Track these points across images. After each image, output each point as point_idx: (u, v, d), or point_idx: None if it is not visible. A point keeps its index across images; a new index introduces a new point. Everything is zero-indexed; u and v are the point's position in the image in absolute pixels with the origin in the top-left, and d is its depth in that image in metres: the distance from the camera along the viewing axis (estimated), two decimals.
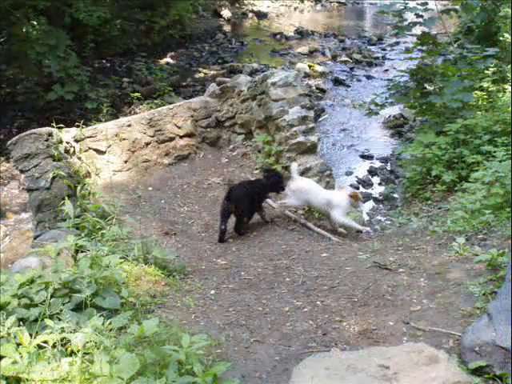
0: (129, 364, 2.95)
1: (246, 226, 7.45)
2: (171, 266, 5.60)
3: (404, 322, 4.27)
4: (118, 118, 11.71)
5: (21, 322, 3.58)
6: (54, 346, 3.28)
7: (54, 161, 6.77)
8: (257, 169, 9.05)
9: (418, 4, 10.07)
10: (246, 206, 7.28)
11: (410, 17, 10.59)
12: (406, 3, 10.29)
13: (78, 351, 3.15)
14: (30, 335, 3.34)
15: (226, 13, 28.49)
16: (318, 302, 4.85)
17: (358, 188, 11.25)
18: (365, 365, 3.26)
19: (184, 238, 7.05)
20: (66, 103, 14.89)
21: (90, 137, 8.38)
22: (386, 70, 19.66)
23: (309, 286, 5.25)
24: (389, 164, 12.35)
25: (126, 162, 8.87)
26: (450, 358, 3.41)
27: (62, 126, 6.98)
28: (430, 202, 8.55)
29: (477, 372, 3.36)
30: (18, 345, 3.19)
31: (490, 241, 5.56)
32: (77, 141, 8.25)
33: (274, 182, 7.62)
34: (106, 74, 18.37)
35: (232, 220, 7.31)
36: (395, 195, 10.32)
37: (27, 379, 3.02)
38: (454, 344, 3.79)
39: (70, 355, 3.27)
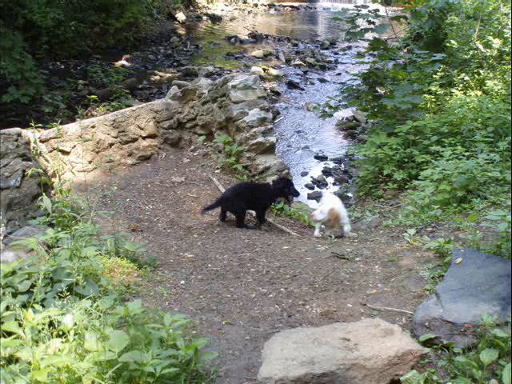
0: (118, 340, 3.25)
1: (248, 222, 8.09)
2: (141, 259, 5.88)
3: (361, 304, 4.69)
4: (74, 120, 11.83)
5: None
6: (43, 328, 3.53)
7: (23, 160, 6.95)
8: (217, 168, 9.38)
9: (369, 11, 10.53)
10: (239, 207, 7.78)
11: (362, 23, 11.04)
12: (359, 10, 10.76)
13: (69, 331, 3.43)
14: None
15: (180, 16, 28.63)
16: (282, 289, 5.21)
17: (313, 188, 11.69)
18: (328, 338, 3.64)
19: (150, 234, 7.32)
20: (20, 105, 14.86)
21: (55, 138, 8.55)
22: (339, 74, 20.19)
23: (272, 275, 5.60)
24: (342, 164, 12.81)
25: (90, 162, 9.07)
26: (404, 331, 3.83)
27: (40, 125, 7.13)
28: (382, 199, 8.99)
29: (427, 343, 3.77)
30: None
31: (438, 233, 6.01)
32: (42, 141, 8.42)
33: (280, 187, 7.99)
34: (60, 76, 18.33)
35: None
36: (349, 194, 10.72)
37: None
38: (407, 321, 4.21)
39: (60, 336, 3.54)
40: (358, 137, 14.19)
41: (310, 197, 11.15)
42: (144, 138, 9.78)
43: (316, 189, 11.62)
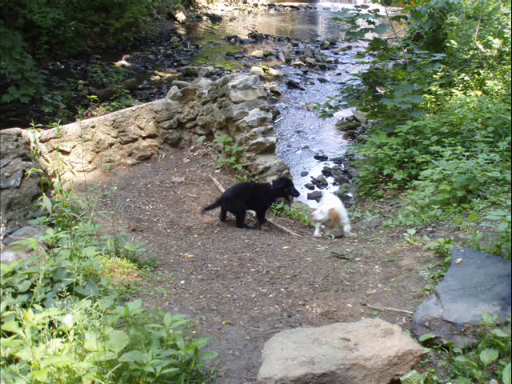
0: (118, 340, 3.25)
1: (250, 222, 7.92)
2: (141, 259, 5.88)
3: (361, 304, 4.69)
4: (74, 120, 11.82)
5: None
6: (43, 328, 3.54)
7: (23, 160, 6.95)
8: (217, 168, 9.38)
9: (369, 11, 10.52)
10: (239, 207, 7.76)
11: (362, 23, 11.02)
12: (359, 10, 10.75)
13: (69, 331, 3.43)
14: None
15: (180, 16, 28.62)
16: (282, 289, 5.21)
17: (313, 188, 11.69)
18: (328, 338, 3.64)
19: (150, 234, 7.32)
20: (20, 105, 14.87)
21: (55, 138, 8.55)
22: (339, 74, 20.18)
23: (272, 275, 5.60)
24: (342, 164, 12.81)
25: (90, 162, 9.07)
26: (404, 331, 3.83)
27: (40, 125, 7.12)
28: (382, 199, 8.99)
29: (427, 343, 3.76)
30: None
31: (438, 233, 6.02)
32: (42, 141, 8.43)
33: (280, 187, 7.99)
34: (60, 76, 18.32)
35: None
36: (349, 194, 10.72)
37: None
38: (407, 321, 4.21)
39: (60, 336, 3.54)
40: (358, 137, 14.18)
41: (309, 197, 11.15)
42: (144, 138, 9.79)
43: (316, 189, 11.62)
